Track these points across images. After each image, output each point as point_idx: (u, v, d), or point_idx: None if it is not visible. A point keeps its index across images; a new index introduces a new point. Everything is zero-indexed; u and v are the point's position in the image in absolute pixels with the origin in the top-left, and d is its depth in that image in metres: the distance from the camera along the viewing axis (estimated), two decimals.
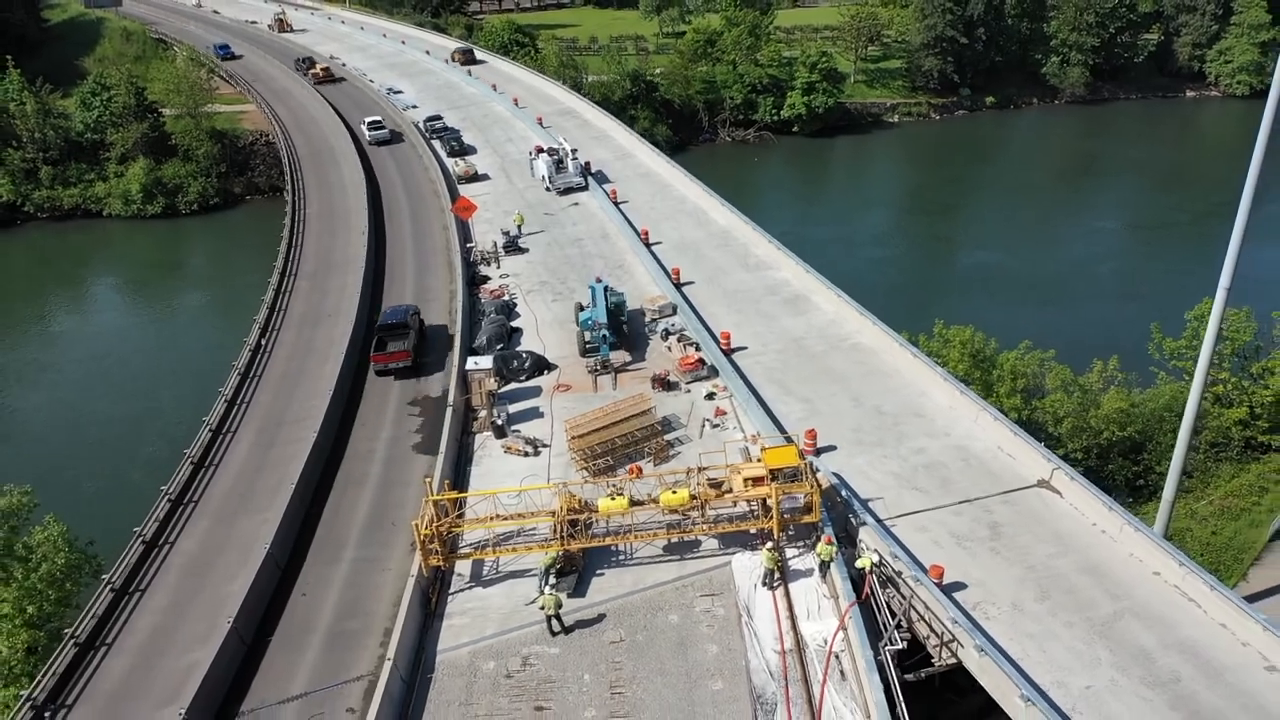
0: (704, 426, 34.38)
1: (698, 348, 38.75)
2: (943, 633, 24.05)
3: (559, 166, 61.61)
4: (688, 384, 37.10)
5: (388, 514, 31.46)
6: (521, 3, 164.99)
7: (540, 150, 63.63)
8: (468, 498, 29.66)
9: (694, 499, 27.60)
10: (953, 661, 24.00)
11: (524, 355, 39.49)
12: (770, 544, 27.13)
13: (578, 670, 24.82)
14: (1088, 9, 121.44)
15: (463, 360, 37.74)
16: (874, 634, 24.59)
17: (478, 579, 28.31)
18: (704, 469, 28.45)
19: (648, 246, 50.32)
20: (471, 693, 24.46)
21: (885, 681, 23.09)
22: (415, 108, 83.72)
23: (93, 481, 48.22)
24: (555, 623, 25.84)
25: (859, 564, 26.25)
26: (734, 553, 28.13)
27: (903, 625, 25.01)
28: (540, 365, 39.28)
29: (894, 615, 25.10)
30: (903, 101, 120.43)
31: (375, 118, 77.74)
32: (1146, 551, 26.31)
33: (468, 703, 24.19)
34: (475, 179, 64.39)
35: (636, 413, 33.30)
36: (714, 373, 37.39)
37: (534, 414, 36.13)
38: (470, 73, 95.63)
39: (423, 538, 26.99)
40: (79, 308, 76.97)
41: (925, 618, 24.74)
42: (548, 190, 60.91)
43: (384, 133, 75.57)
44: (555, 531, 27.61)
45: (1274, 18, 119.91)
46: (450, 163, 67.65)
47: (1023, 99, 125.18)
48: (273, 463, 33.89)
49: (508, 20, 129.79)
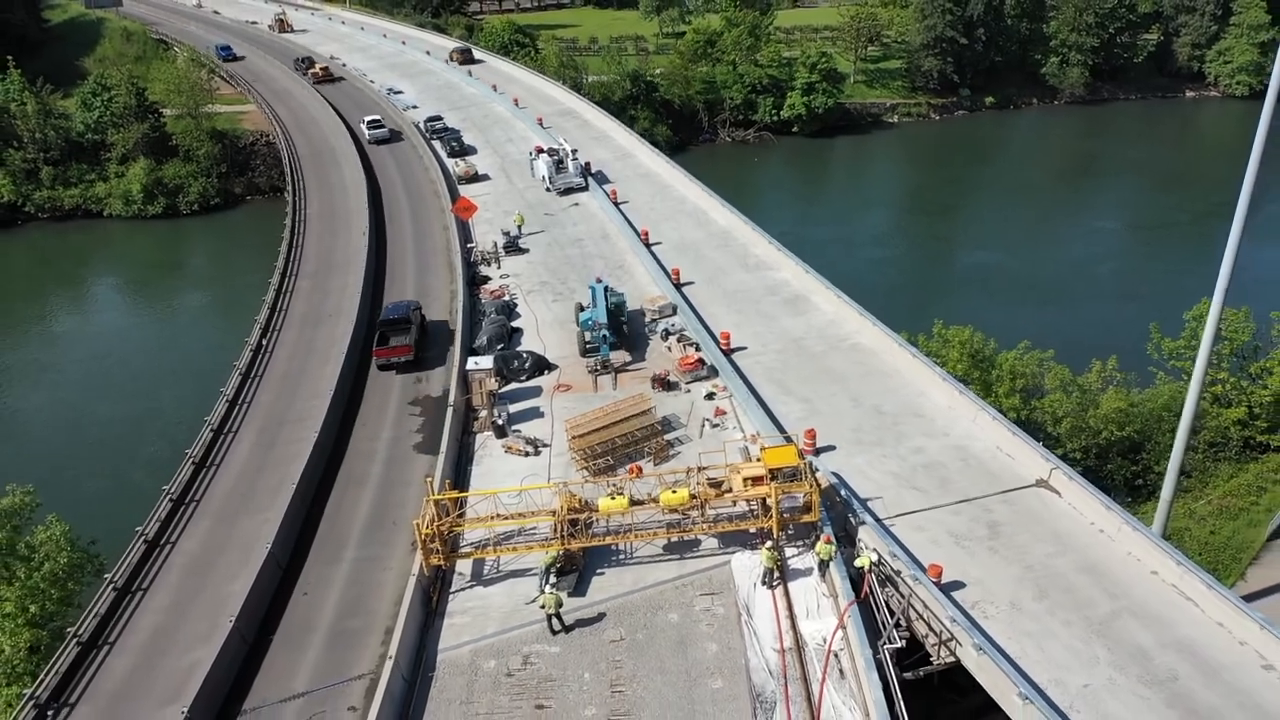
0: (704, 426, 34.47)
1: (698, 348, 38.83)
2: (941, 631, 24.13)
3: (559, 167, 61.68)
4: (688, 384, 37.19)
5: (389, 513, 31.55)
6: (521, 3, 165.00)
7: (540, 151, 63.69)
8: (468, 497, 29.73)
9: (694, 498, 27.67)
10: (951, 660, 24.07)
11: (524, 355, 39.59)
12: (770, 543, 27.23)
13: (578, 669, 24.91)
14: (1087, 9, 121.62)
15: (463, 360, 37.85)
16: (873, 633, 24.67)
17: (478, 578, 28.41)
18: (704, 468, 28.53)
19: (648, 247, 50.41)
20: (472, 691, 24.55)
21: (884, 680, 23.17)
22: (415, 108, 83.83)
23: (94, 481, 48.29)
24: (556, 621, 25.94)
25: (858, 563, 26.32)
26: (734, 552, 28.22)
27: (901, 624, 25.07)
28: (540, 365, 39.38)
29: (893, 614, 25.16)
30: (902, 102, 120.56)
31: (374, 117, 78.05)
32: (1144, 551, 26.39)
33: (469, 701, 24.28)
34: (475, 179, 64.50)
35: (636, 413, 33.39)
36: (714, 373, 37.48)
37: (534, 414, 36.24)
38: (470, 73, 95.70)
39: (424, 537, 27.08)
40: (80, 308, 77.09)
41: (924, 616, 24.82)
42: (548, 190, 60.98)
43: (383, 131, 75.98)
44: (556, 531, 27.70)
45: (1273, 18, 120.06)
46: (450, 163, 67.74)
47: (1022, 99, 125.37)
48: (274, 462, 33.99)
49: (508, 21, 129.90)
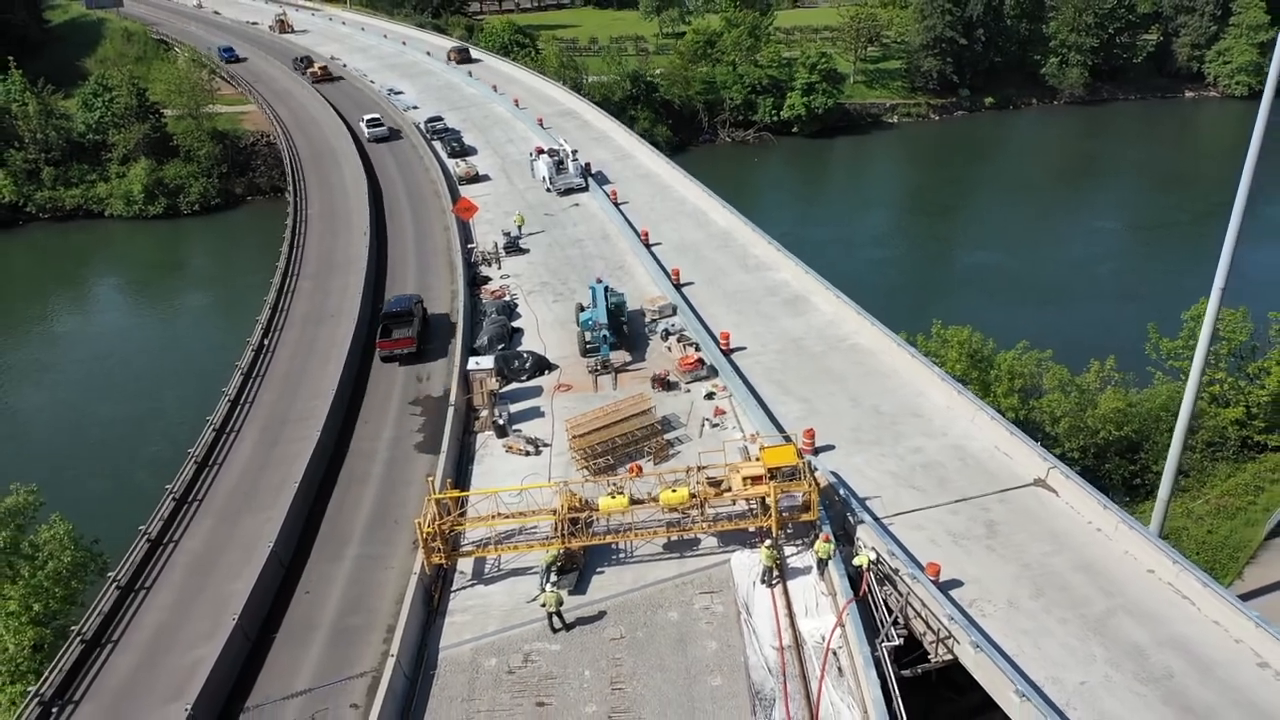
0: (703, 426, 34.64)
1: (697, 348, 38.98)
2: (939, 629, 24.29)
3: (559, 167, 61.82)
4: (687, 384, 37.35)
5: (390, 512, 31.71)
6: (521, 3, 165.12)
7: (541, 151, 63.84)
8: (470, 496, 29.88)
9: (693, 497, 27.83)
10: (949, 658, 24.24)
11: (525, 355, 39.76)
12: (769, 542, 27.39)
13: (579, 666, 25.08)
14: (1086, 10, 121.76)
15: (464, 360, 38.03)
16: (871, 631, 24.82)
17: (479, 577, 28.59)
18: (703, 468, 28.70)
19: (648, 247, 50.57)
20: (474, 689, 24.72)
21: (882, 677, 23.33)
22: (416, 108, 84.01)
23: (97, 481, 48.47)
24: (556, 620, 26.11)
25: (856, 561, 26.47)
26: (733, 550, 28.39)
27: (899, 622, 25.23)
28: (541, 365, 39.55)
29: (891, 612, 25.32)
30: (902, 102, 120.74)
31: (373, 115, 78.65)
32: (1141, 549, 26.55)
33: (470, 698, 24.46)
34: (476, 180, 64.66)
35: (636, 412, 33.56)
36: (713, 373, 37.63)
37: (535, 413, 36.41)
38: (470, 74, 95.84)
39: (425, 536, 27.23)
40: (81, 308, 77.33)
41: (922, 614, 24.98)
42: (548, 191, 61.13)
43: (382, 130, 76.55)
44: (556, 530, 27.87)
45: (1273, 18, 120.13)
46: (451, 164, 67.88)
47: (1022, 99, 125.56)
48: (276, 461, 34.16)
49: (508, 21, 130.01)
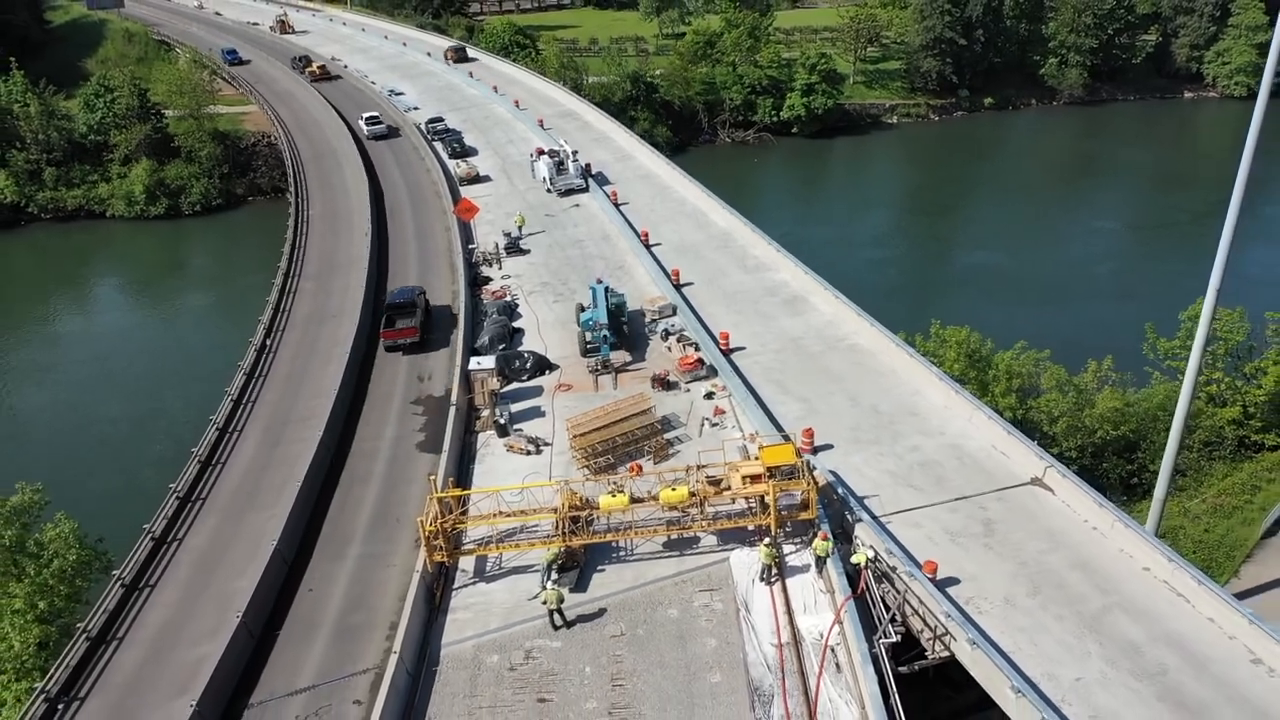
0: (703, 425, 34.87)
1: (697, 348, 39.20)
2: (936, 626, 24.54)
3: (560, 168, 62.04)
4: (687, 384, 37.57)
5: (392, 511, 31.94)
6: (521, 4, 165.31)
7: (541, 152, 64.08)
8: (471, 495, 30.14)
9: (693, 496, 28.05)
10: (946, 654, 24.49)
11: (526, 355, 40.00)
12: (768, 540, 27.61)
13: (579, 663, 25.32)
14: (1086, 10, 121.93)
15: (465, 360, 38.26)
16: (869, 628, 25.05)
17: (481, 575, 28.83)
18: (703, 467, 28.94)
19: (648, 248, 50.80)
20: (475, 685, 24.97)
21: (880, 674, 23.56)
22: (417, 109, 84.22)
23: (101, 480, 48.73)
24: (557, 617, 26.35)
25: (854, 559, 26.68)
26: (732, 549, 28.62)
27: (897, 619, 25.46)
28: (542, 365, 39.77)
29: (889, 609, 25.54)
30: (901, 103, 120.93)
31: (373, 113, 79.50)
32: (1136, 548, 26.80)
33: (472, 695, 24.70)
34: (477, 180, 64.88)
35: (637, 412, 33.80)
36: (713, 372, 37.85)
37: (536, 413, 36.65)
38: (471, 75, 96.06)
39: (427, 534, 27.44)
40: (83, 308, 77.60)
41: (919, 612, 25.24)
42: (549, 192, 61.34)
43: (381, 127, 77.45)
44: (557, 528, 28.10)
45: (1271, 19, 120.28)
46: (452, 164, 68.09)
47: (1021, 100, 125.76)
48: (279, 461, 34.37)
49: (508, 22, 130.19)
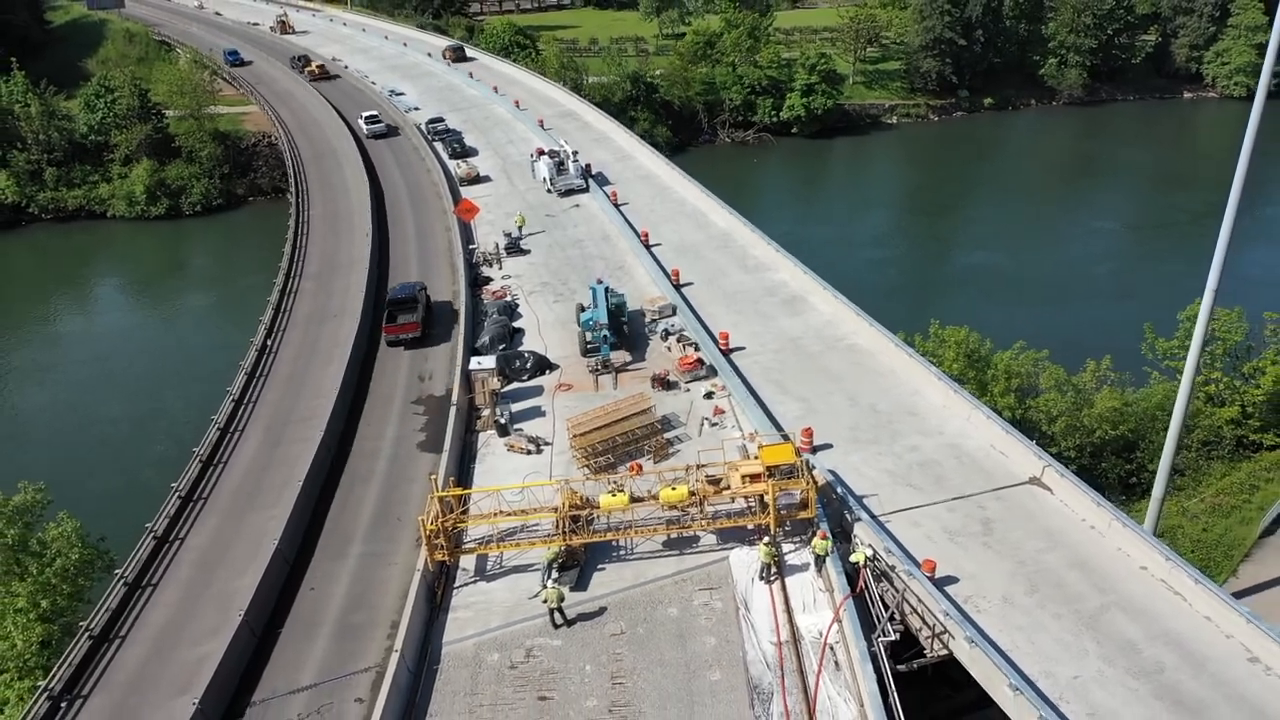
0: (703, 425, 35.01)
1: (697, 348, 39.32)
2: (934, 625, 24.69)
3: (560, 169, 62.14)
4: (687, 383, 37.70)
5: (393, 510, 32.07)
6: (522, 4, 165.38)
7: (541, 153, 64.21)
8: (472, 494, 30.30)
9: (693, 495, 28.19)
10: (944, 653, 24.64)
11: (526, 355, 40.12)
12: (767, 539, 27.76)
13: (580, 661, 25.46)
14: (1085, 11, 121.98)
15: (466, 360, 38.38)
16: (868, 626, 25.21)
17: (482, 573, 28.98)
18: (703, 466, 29.09)
19: (648, 248, 50.92)
20: (476, 683, 25.11)
21: (878, 671, 23.72)
22: (418, 109, 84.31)
23: (101, 480, 48.82)
24: (558, 616, 26.49)
25: (853, 558, 26.80)
26: (732, 548, 28.75)
27: (896, 618, 25.61)
28: (542, 365, 39.90)
29: (887, 608, 25.68)
30: (901, 103, 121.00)
31: (372, 112, 79.97)
32: (1134, 547, 26.95)
33: (473, 693, 24.84)
34: (477, 181, 64.98)
35: (637, 411, 33.93)
36: (713, 372, 37.98)
37: (536, 413, 36.79)
38: (471, 75, 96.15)
39: (428, 533, 27.56)
40: (84, 308, 77.70)
41: (918, 610, 25.38)
42: (549, 192, 61.44)
43: (380, 126, 77.92)
44: (557, 527, 28.23)
45: (1271, 19, 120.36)
46: (452, 165, 68.21)
47: (1021, 100, 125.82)
48: (280, 460, 34.50)
49: (508, 22, 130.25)
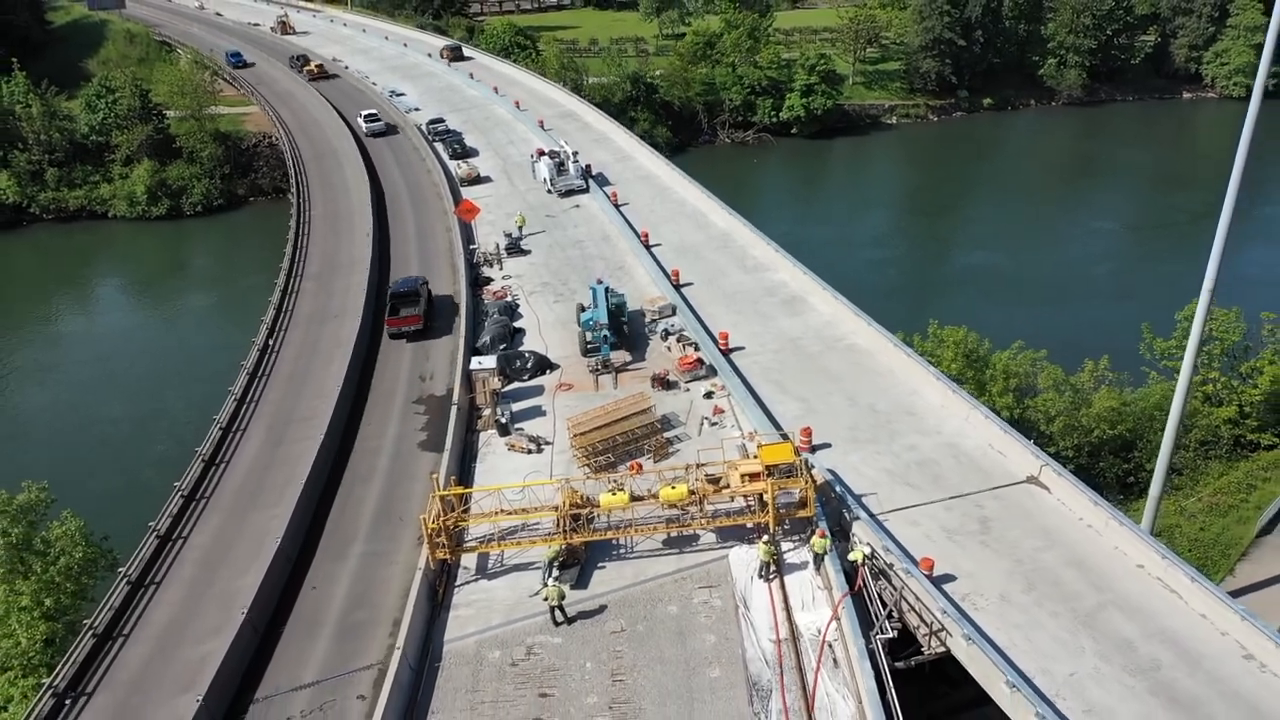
0: (702, 424, 35.17)
1: (696, 348, 39.47)
2: (932, 622, 24.84)
3: (560, 169, 62.27)
4: (687, 383, 37.86)
5: (395, 509, 32.21)
6: (522, 4, 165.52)
7: (542, 153, 64.38)
8: (473, 493, 30.45)
9: (693, 494, 28.34)
10: (942, 650, 24.77)
11: (527, 355, 40.28)
12: (766, 538, 27.87)
13: (580, 659, 25.62)
14: (1085, 11, 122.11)
15: (467, 360, 38.55)
16: (866, 624, 25.37)
17: (483, 572, 29.14)
18: (702, 465, 29.23)
19: (648, 248, 51.06)
20: (478, 680, 25.28)
21: (876, 669, 23.87)
22: (418, 110, 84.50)
23: (102, 480, 48.95)
24: (558, 613, 26.65)
25: (852, 557, 26.93)
26: (731, 546, 28.90)
27: (894, 615, 25.76)
28: (542, 365, 40.06)
29: (885, 606, 25.83)
30: (901, 103, 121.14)
31: (371, 110, 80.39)
32: (1130, 545, 27.10)
33: (474, 690, 25.01)
34: (477, 181, 65.12)
35: (637, 411, 34.07)
36: (712, 372, 38.13)
37: (537, 412, 36.95)
38: (472, 76, 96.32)
39: (429, 532, 27.72)
40: (85, 308, 77.87)
41: (916, 608, 25.53)
42: (549, 193, 61.58)
43: (380, 125, 78.42)
44: (558, 526, 28.35)
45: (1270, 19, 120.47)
46: (453, 165, 68.36)
47: (1020, 101, 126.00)
48: (282, 460, 34.66)
49: (508, 22, 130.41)
